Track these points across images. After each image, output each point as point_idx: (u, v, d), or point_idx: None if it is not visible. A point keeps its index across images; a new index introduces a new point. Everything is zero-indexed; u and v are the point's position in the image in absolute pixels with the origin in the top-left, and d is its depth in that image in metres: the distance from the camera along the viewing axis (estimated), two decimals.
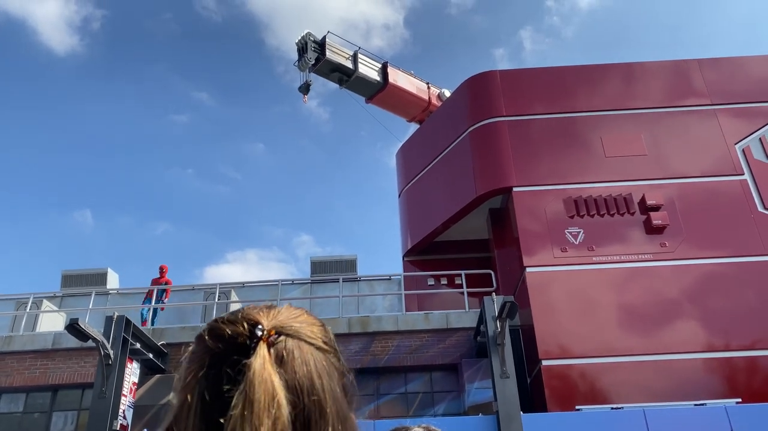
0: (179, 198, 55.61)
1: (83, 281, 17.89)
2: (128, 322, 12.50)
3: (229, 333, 0.86)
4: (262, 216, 59.00)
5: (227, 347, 0.85)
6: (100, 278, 17.98)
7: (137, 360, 13.16)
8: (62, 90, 51.06)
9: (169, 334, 14.37)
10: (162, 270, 16.19)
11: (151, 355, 13.50)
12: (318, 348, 0.90)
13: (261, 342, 0.84)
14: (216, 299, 15.86)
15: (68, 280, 17.99)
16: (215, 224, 57.61)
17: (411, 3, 57.46)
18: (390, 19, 56.16)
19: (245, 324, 0.86)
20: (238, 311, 0.92)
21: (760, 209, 14.23)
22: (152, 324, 15.22)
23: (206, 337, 0.88)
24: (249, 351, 0.83)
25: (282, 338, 0.87)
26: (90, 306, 15.59)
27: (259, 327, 0.85)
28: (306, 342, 0.90)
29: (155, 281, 16.14)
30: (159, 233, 55.64)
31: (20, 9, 47.89)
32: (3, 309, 16.85)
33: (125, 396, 12.22)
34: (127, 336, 12.38)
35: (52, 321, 16.33)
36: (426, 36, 57.38)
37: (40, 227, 52.75)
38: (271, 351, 0.85)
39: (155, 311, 15.86)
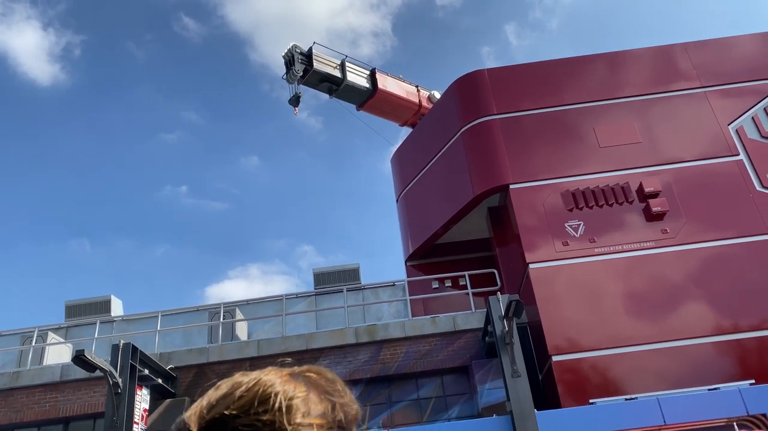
0: (176, 217, 55.57)
1: (87, 311, 17.82)
2: (135, 349, 12.43)
3: None
4: (261, 230, 59.00)
5: None
6: (104, 306, 17.91)
7: (147, 386, 13.09)
8: (47, 119, 51.10)
9: (176, 357, 14.31)
10: None
11: (160, 380, 13.43)
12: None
13: None
14: (221, 319, 15.80)
15: (72, 310, 17.93)
16: (215, 241, 57.56)
17: (398, 9, 57.62)
18: (378, 27, 56.28)
19: None
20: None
21: (758, 187, 14.21)
22: None
23: None
24: None
25: None
26: (95, 335, 15.53)
27: None
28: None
29: None
30: (159, 255, 55.54)
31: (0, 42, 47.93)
32: (9, 344, 16.77)
33: (137, 423, 12.15)
34: (135, 363, 12.31)
35: (58, 353, 16.26)
36: (414, 41, 57.51)
37: (38, 259, 52.64)
38: None
39: None
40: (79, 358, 11.08)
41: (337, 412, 0.90)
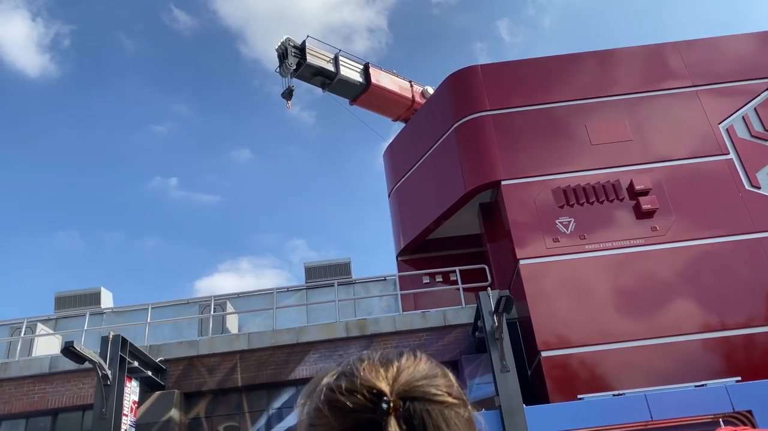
0: (166, 209, 55.26)
1: (77, 302, 17.74)
2: (124, 341, 12.41)
3: (350, 406, 0.79)
4: (252, 223, 58.81)
5: (352, 424, 0.78)
6: (94, 298, 17.84)
7: (136, 378, 13.08)
8: (36, 110, 50.62)
9: (165, 350, 14.29)
10: None
11: (149, 372, 13.41)
12: (447, 406, 0.82)
13: (390, 417, 0.77)
14: (212, 312, 15.78)
15: (62, 302, 17.84)
16: (205, 234, 57.32)
17: (393, 6, 57.52)
18: (373, 22, 56.16)
19: (366, 394, 0.79)
20: (352, 372, 0.83)
21: (747, 187, 14.32)
22: None
23: (326, 411, 0.80)
24: (377, 427, 0.76)
25: (409, 405, 0.79)
26: (85, 327, 15.48)
27: (384, 398, 0.78)
28: (434, 402, 0.81)
29: None
30: (149, 247, 55.25)
31: None
32: None
33: (126, 415, 12.14)
34: (124, 355, 12.29)
35: (47, 345, 16.19)
36: (409, 37, 57.42)
37: (27, 251, 52.25)
38: (402, 424, 0.77)
39: None
40: (68, 350, 11.05)
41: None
